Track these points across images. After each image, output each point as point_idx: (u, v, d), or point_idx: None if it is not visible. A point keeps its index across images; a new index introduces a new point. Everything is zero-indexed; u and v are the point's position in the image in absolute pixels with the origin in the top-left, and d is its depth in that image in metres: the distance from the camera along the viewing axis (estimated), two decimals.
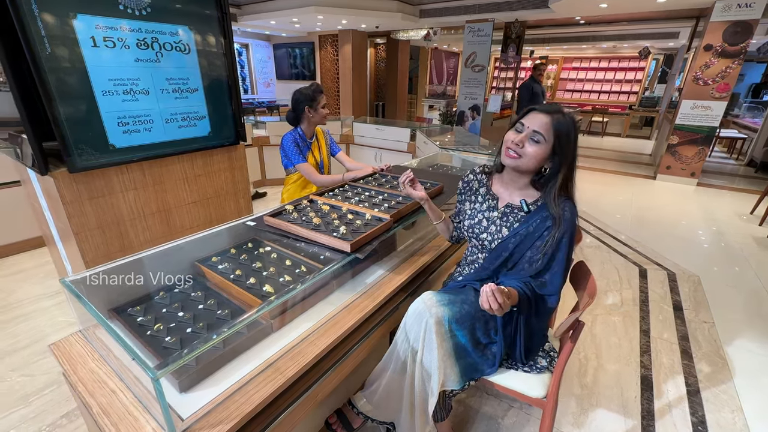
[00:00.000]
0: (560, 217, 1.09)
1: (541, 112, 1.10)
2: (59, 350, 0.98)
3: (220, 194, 2.31)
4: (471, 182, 1.33)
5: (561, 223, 1.09)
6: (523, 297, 1.05)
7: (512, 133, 1.13)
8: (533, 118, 1.10)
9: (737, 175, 5.71)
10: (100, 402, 0.82)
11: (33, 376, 1.71)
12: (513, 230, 1.16)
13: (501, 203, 1.23)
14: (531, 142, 1.09)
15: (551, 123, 1.07)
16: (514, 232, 1.15)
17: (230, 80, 2.16)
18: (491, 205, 1.24)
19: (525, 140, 1.09)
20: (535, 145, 1.08)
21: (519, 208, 1.17)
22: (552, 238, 1.08)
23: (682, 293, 2.46)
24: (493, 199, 1.25)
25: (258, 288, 1.12)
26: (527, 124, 1.10)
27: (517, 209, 1.18)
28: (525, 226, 1.13)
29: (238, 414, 0.79)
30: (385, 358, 1.22)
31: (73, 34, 1.54)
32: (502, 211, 1.21)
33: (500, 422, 1.52)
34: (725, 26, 4.41)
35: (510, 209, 1.20)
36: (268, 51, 9.48)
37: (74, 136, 1.61)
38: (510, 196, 1.22)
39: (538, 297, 1.07)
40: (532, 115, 1.11)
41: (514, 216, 1.19)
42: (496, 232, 1.19)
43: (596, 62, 10.20)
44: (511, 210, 1.20)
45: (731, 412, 1.58)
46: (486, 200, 1.26)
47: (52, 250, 2.26)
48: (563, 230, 1.07)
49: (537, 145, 1.08)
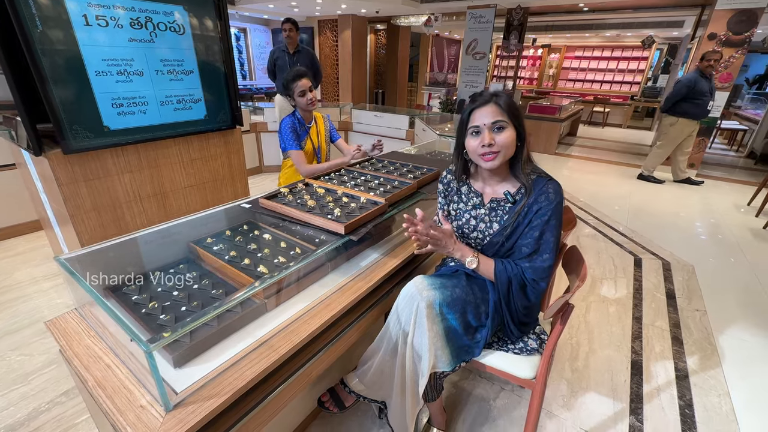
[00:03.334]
0: (530, 187, 1.10)
1: (483, 105, 1.07)
2: (55, 327, 0.99)
3: (216, 178, 2.31)
4: (450, 182, 1.30)
5: (534, 203, 1.09)
6: (499, 268, 1.08)
7: (472, 140, 1.09)
8: (481, 114, 1.07)
9: (737, 167, 5.69)
10: (96, 376, 0.83)
11: (32, 355, 1.73)
12: (503, 223, 1.15)
13: (486, 198, 1.21)
14: (497, 132, 1.06)
15: (498, 107, 1.06)
16: (504, 225, 1.14)
17: (226, 63, 2.13)
18: (476, 202, 1.22)
19: (491, 136, 1.05)
20: (503, 132, 1.06)
21: (504, 200, 1.16)
22: (538, 219, 1.08)
23: (676, 282, 2.48)
24: (477, 196, 1.22)
25: (252, 269, 1.13)
26: (480, 122, 1.07)
27: (503, 202, 1.17)
28: (513, 216, 1.12)
29: (231, 389, 0.81)
30: (377, 339, 1.23)
31: (65, 13, 1.52)
32: (489, 207, 1.19)
33: (492, 404, 1.55)
34: (730, 15, 4.34)
35: (497, 203, 1.18)
36: (266, 36, 9.32)
37: (68, 118, 1.60)
38: (493, 191, 1.20)
39: (524, 277, 1.08)
40: (477, 114, 1.08)
41: (502, 208, 1.17)
42: (486, 228, 1.18)
43: (599, 51, 10.06)
44: (498, 204, 1.18)
45: (718, 397, 1.61)
46: (470, 198, 1.24)
47: (49, 233, 2.27)
48: (549, 212, 1.07)
49: (504, 132, 1.06)
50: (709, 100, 4.15)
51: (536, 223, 1.08)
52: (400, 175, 1.72)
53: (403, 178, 1.66)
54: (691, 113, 4.23)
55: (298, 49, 3.86)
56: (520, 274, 1.08)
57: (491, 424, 1.46)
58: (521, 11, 6.09)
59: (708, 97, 4.13)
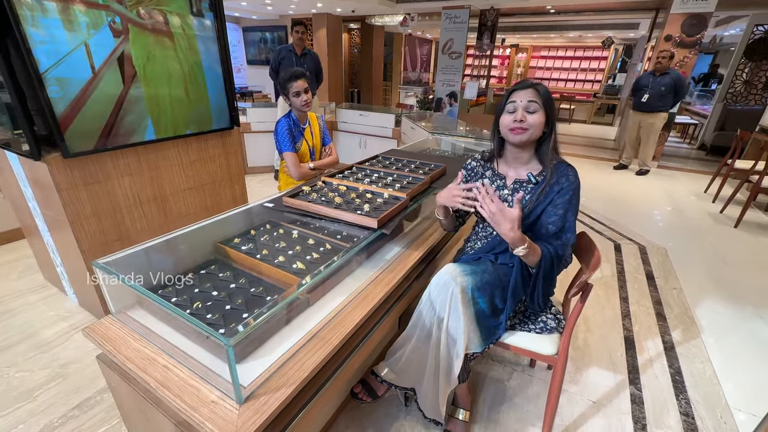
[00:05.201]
0: (552, 170, 1.20)
1: (523, 88, 1.18)
2: (95, 333, 0.97)
3: (215, 180, 2.27)
4: (475, 168, 1.39)
5: (555, 183, 1.19)
6: (546, 255, 1.14)
7: (507, 115, 1.19)
8: (519, 94, 1.17)
9: (690, 158, 6.21)
10: (156, 377, 0.83)
11: (32, 371, 1.64)
12: (524, 202, 1.24)
13: (509, 180, 1.30)
14: (529, 113, 1.16)
15: (536, 91, 1.16)
16: (525, 204, 1.23)
17: (223, 63, 2.10)
18: (500, 184, 1.31)
19: (524, 114, 1.16)
20: (534, 114, 1.16)
21: (527, 181, 1.25)
22: (561, 198, 1.17)
23: (653, 264, 2.70)
24: (501, 179, 1.32)
25: (288, 266, 1.15)
26: (518, 99, 1.17)
27: (525, 183, 1.26)
28: (535, 196, 1.21)
29: (296, 379, 0.84)
30: (409, 328, 1.29)
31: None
32: (512, 188, 1.29)
33: (506, 384, 1.64)
34: (683, 18, 4.73)
35: (519, 184, 1.27)
36: (237, 35, 9.07)
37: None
38: (517, 173, 1.29)
39: (558, 255, 1.17)
40: (516, 93, 1.18)
41: (524, 189, 1.26)
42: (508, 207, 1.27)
43: (563, 51, 10.59)
44: (520, 185, 1.27)
45: (701, 363, 1.80)
46: (494, 181, 1.33)
47: (34, 242, 2.14)
48: (570, 192, 1.17)
49: (535, 114, 1.16)
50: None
51: (559, 202, 1.17)
52: (410, 171, 1.78)
53: (414, 174, 1.72)
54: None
55: (305, 52, 3.83)
56: (555, 252, 1.16)
57: (509, 403, 1.55)
58: (494, 12, 6.31)
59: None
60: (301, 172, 2.03)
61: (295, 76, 1.99)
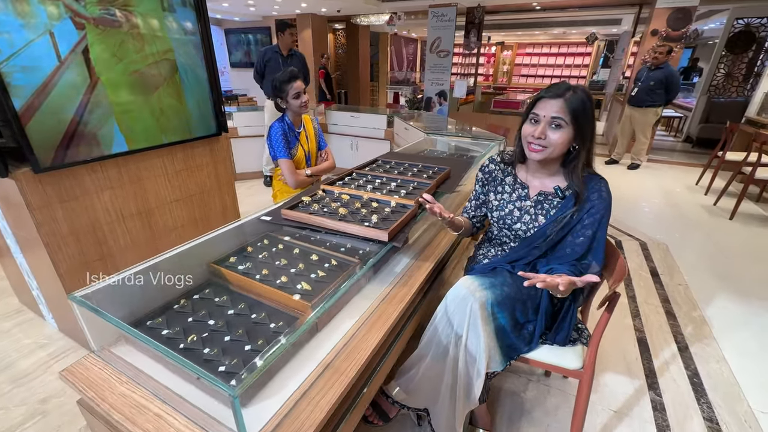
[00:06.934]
0: (582, 192, 1.11)
1: (552, 98, 1.05)
2: (74, 376, 0.84)
3: (203, 190, 2.14)
4: (493, 172, 1.29)
5: (586, 200, 1.10)
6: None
7: (528, 125, 1.09)
8: (545, 105, 1.05)
9: (677, 151, 6.29)
10: (147, 429, 0.72)
11: (7, 408, 1.49)
12: (551, 217, 1.14)
13: (533, 192, 1.20)
14: (552, 129, 1.05)
15: (565, 104, 1.03)
16: (552, 219, 1.14)
17: (208, 66, 1.98)
18: (522, 194, 1.21)
19: (545, 130, 1.05)
20: (558, 131, 1.04)
21: (553, 194, 1.16)
22: (591, 218, 1.09)
23: (656, 260, 2.67)
24: (524, 188, 1.21)
25: (292, 286, 1.04)
26: (541, 113, 1.05)
27: (551, 196, 1.17)
28: (563, 212, 1.12)
29: (312, 422, 0.73)
30: (422, 345, 1.19)
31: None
32: (535, 200, 1.19)
33: (523, 396, 1.56)
34: (669, 12, 4.77)
35: (544, 197, 1.18)
36: (219, 37, 8.85)
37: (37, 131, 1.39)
38: (542, 184, 1.19)
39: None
40: (542, 103, 1.06)
41: (549, 203, 1.17)
42: (531, 221, 1.18)
43: (548, 48, 10.67)
44: (545, 197, 1.17)
45: (717, 363, 1.75)
46: (515, 190, 1.23)
47: (7, 264, 1.97)
48: (602, 210, 1.09)
49: (560, 130, 1.04)
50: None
51: (588, 222, 1.09)
52: (413, 175, 1.68)
53: (418, 178, 1.62)
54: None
55: (292, 53, 3.69)
56: (581, 274, 1.08)
57: (528, 417, 1.47)
58: (481, 10, 6.28)
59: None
60: (298, 180, 1.91)
61: (294, 77, 1.90)
